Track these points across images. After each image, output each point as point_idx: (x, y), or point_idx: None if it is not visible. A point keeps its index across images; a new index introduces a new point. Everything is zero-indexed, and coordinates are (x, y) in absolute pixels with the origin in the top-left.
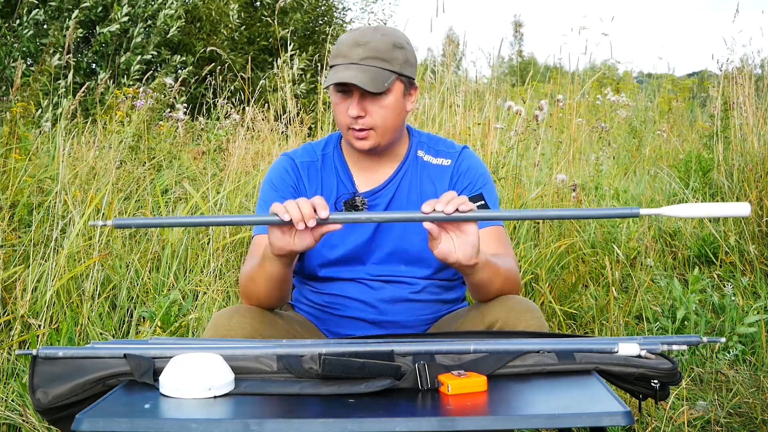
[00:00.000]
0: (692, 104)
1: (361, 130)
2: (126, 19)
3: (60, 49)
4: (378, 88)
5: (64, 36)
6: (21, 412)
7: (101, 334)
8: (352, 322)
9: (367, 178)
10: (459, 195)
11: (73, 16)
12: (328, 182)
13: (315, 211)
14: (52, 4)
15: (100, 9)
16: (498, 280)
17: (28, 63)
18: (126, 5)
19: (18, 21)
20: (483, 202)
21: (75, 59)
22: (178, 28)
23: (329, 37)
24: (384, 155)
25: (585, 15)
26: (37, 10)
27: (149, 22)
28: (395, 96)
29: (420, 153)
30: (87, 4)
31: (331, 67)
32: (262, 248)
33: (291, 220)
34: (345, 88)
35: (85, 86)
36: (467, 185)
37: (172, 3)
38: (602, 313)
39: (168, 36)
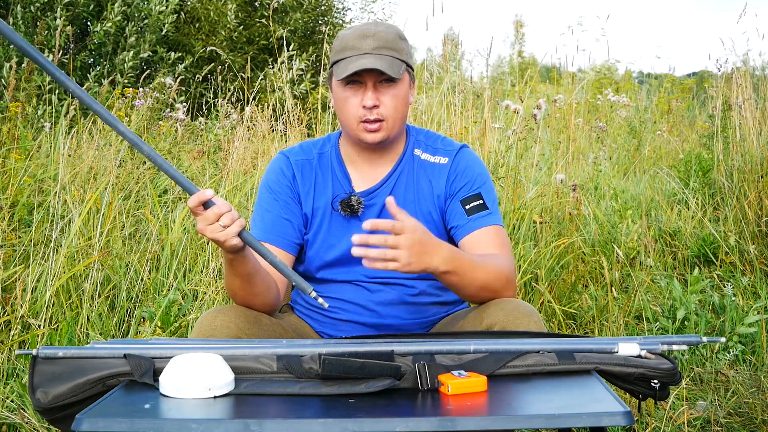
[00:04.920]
0: (692, 104)
1: (375, 121)
2: (120, 17)
3: (51, 48)
4: (396, 74)
5: (53, 35)
6: (21, 412)
7: (101, 334)
8: (349, 325)
9: (363, 177)
10: (456, 194)
11: (57, 15)
12: (322, 181)
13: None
14: (37, 3)
15: (92, 6)
16: (477, 278)
17: (25, 62)
18: (119, 3)
19: (12, 20)
20: (481, 202)
21: (67, 59)
22: (172, 24)
23: (327, 36)
24: (382, 153)
25: (584, 15)
26: (25, 9)
27: (146, 21)
28: (405, 86)
29: (417, 151)
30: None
31: (336, 62)
32: None
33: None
34: (357, 79)
35: (85, 86)
36: (464, 185)
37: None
38: (602, 313)
39: (163, 33)
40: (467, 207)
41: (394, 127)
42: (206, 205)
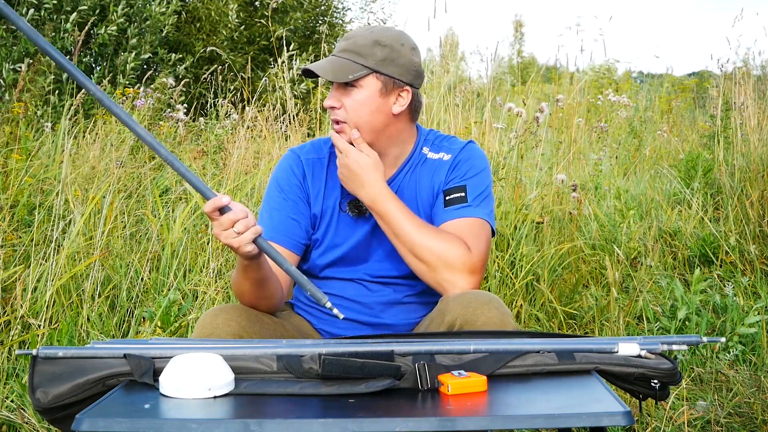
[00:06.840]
0: (692, 104)
1: (337, 122)
2: (123, 19)
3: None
4: (337, 78)
5: (62, 38)
6: (21, 412)
7: (101, 334)
8: (346, 323)
9: None
10: (447, 186)
11: (71, 19)
12: (332, 180)
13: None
14: (48, 6)
15: (98, 10)
16: (406, 235)
17: (29, 63)
18: (123, 4)
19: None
20: (463, 194)
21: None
22: (173, 25)
23: (326, 36)
24: (388, 155)
25: (582, 15)
26: (33, 10)
27: (147, 22)
28: (368, 92)
29: (425, 150)
30: (85, 6)
31: None
32: None
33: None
34: (328, 81)
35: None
36: (455, 177)
37: (163, 0)
38: (603, 313)
39: (164, 34)
40: (447, 198)
41: (361, 133)
42: (222, 210)
